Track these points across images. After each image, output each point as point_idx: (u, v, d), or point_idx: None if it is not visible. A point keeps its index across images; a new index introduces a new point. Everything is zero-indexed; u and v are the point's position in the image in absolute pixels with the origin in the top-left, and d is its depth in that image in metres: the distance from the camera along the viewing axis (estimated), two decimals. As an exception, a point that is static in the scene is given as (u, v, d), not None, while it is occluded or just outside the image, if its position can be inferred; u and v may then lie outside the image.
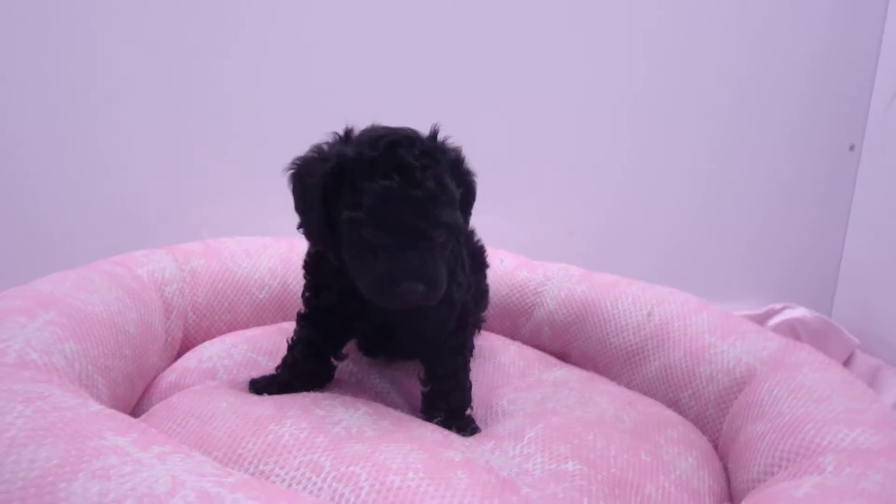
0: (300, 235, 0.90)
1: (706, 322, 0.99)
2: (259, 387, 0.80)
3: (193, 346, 0.98)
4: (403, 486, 0.56)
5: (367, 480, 0.56)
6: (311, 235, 0.74)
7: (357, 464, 0.58)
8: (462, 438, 0.71)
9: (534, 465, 0.67)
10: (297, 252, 1.05)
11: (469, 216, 0.80)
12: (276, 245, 1.15)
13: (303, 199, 0.71)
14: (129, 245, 1.02)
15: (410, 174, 0.66)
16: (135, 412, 0.82)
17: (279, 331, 0.98)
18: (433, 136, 0.73)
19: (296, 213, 0.74)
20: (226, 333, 1.03)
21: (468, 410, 0.82)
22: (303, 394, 0.74)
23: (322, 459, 0.58)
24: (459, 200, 0.72)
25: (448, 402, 0.80)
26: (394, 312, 0.73)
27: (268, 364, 0.89)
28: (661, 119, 1.45)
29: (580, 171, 1.46)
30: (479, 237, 0.97)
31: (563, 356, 1.15)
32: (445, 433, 0.71)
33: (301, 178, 0.71)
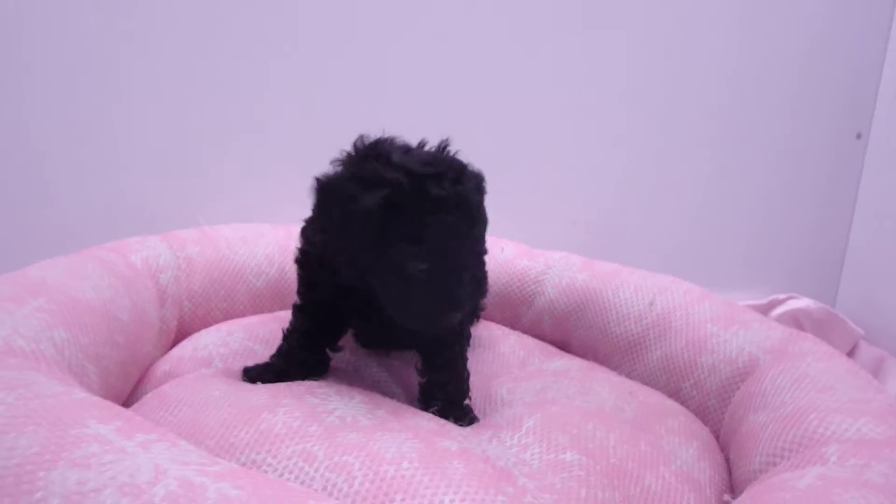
0: (297, 222, 0.89)
1: (708, 311, 0.98)
2: (253, 375, 0.79)
3: (189, 335, 0.97)
4: (397, 476, 0.54)
5: (361, 470, 0.55)
6: (342, 259, 0.69)
7: (350, 453, 0.57)
8: (459, 428, 0.70)
9: (532, 455, 0.66)
10: (295, 239, 1.04)
11: None
12: (274, 232, 1.14)
13: (346, 226, 0.65)
14: (124, 232, 1.01)
15: (468, 210, 0.66)
16: (129, 401, 0.81)
17: (276, 319, 0.97)
18: (462, 165, 0.71)
19: (314, 227, 0.72)
20: (222, 322, 1.01)
21: (466, 400, 0.81)
22: (297, 382, 0.73)
23: (315, 449, 0.57)
24: None
25: (445, 393, 0.78)
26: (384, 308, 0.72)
27: (264, 353, 0.88)
28: (664, 108, 1.43)
29: (583, 160, 1.44)
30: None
31: (564, 346, 1.14)
32: (442, 423, 0.70)
33: (345, 204, 0.65)
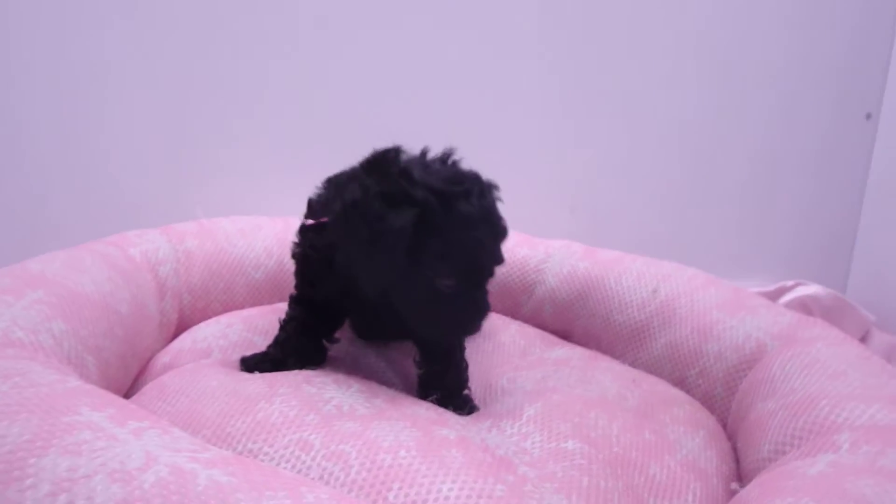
0: (295, 214, 0.88)
1: (714, 297, 0.96)
2: (250, 364, 0.78)
3: (189, 328, 0.97)
4: (394, 465, 0.54)
5: (357, 459, 0.54)
6: (365, 275, 0.68)
7: (347, 442, 0.56)
8: (458, 417, 0.69)
9: (532, 444, 0.65)
10: (293, 230, 1.04)
11: None
12: (272, 224, 1.14)
13: (374, 245, 0.64)
14: (123, 226, 1.00)
15: (493, 224, 0.68)
16: (129, 393, 0.80)
17: (275, 311, 0.96)
18: (481, 178, 0.70)
19: (323, 234, 0.70)
20: (222, 314, 1.01)
21: (465, 391, 0.80)
22: (294, 372, 0.73)
23: (312, 438, 0.57)
24: None
25: (444, 382, 0.78)
26: (390, 304, 0.71)
27: (263, 344, 0.87)
28: (666, 91, 1.41)
29: (581, 145, 1.42)
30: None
31: (566, 335, 1.13)
32: (440, 411, 0.69)
33: (373, 223, 0.64)
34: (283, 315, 0.84)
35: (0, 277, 0.70)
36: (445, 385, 0.78)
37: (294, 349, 0.80)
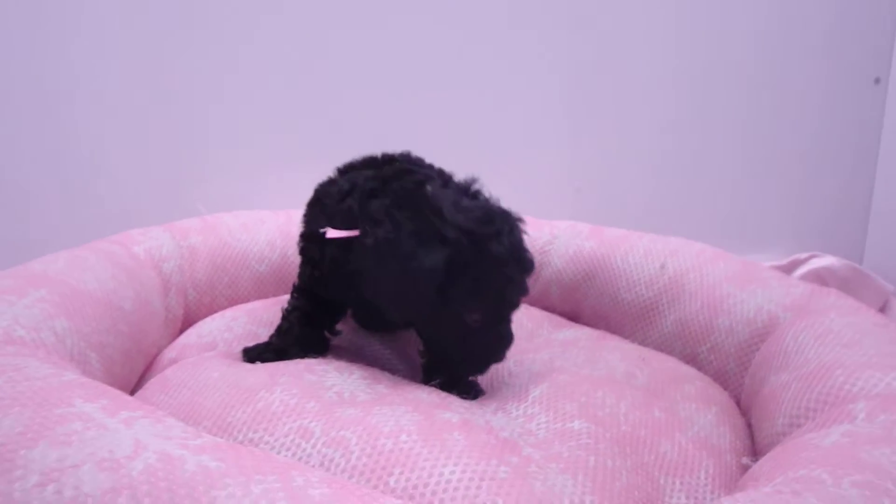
0: (297, 207, 0.88)
1: (724, 271, 0.94)
2: (253, 355, 0.78)
3: (195, 323, 0.97)
4: (395, 449, 0.53)
5: (358, 444, 0.53)
6: (398, 309, 0.70)
7: (348, 428, 0.55)
8: (462, 401, 0.68)
9: (538, 425, 0.64)
10: (296, 223, 1.04)
11: None
12: (274, 218, 1.13)
13: (404, 282, 0.65)
14: (127, 225, 1.00)
15: (522, 262, 0.69)
16: (135, 390, 0.80)
17: (279, 303, 0.95)
18: (510, 215, 0.71)
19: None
20: (228, 308, 1.01)
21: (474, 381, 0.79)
22: (296, 361, 0.72)
23: (312, 425, 0.56)
24: None
25: (448, 367, 0.77)
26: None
27: (268, 336, 0.86)
28: (671, 62, 1.38)
29: (586, 125, 1.40)
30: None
31: (575, 317, 1.12)
32: (443, 395, 0.68)
33: (404, 261, 0.64)
34: (286, 305, 0.84)
35: (2, 279, 0.71)
36: (449, 370, 0.77)
37: (296, 339, 0.80)
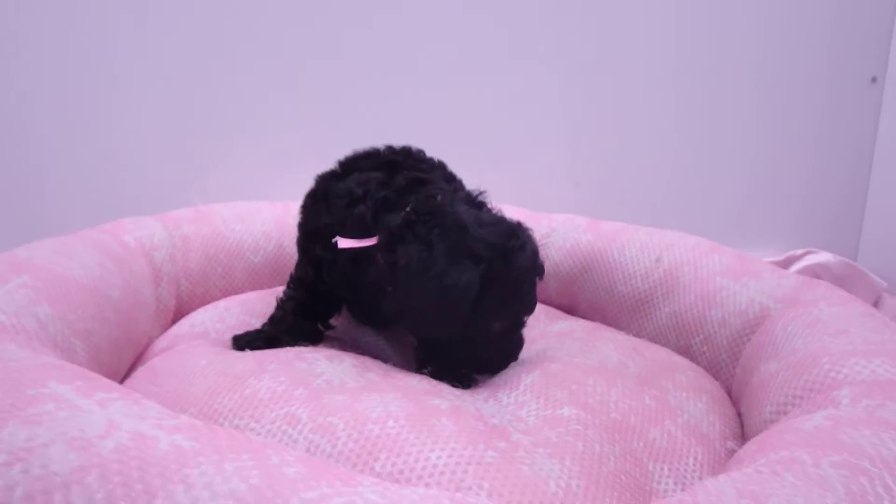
0: (295, 199, 0.87)
1: (718, 264, 0.94)
2: (242, 343, 0.78)
3: (189, 314, 0.96)
4: (382, 435, 0.53)
5: (345, 430, 0.53)
6: (427, 324, 0.71)
7: (335, 414, 0.55)
8: (453, 388, 0.68)
9: (528, 412, 0.64)
10: (292, 214, 1.04)
11: None
12: (271, 208, 1.13)
13: (439, 300, 0.66)
14: (118, 215, 1.00)
15: (541, 269, 0.74)
16: (125, 380, 0.80)
17: (274, 294, 0.94)
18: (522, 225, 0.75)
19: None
20: (222, 300, 1.01)
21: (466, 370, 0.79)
22: (286, 349, 0.72)
23: (299, 412, 0.56)
24: None
25: (442, 357, 0.76)
26: (382, 292, 0.71)
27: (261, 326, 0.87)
28: (670, 59, 1.38)
29: (586, 119, 1.40)
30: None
31: (572, 310, 1.12)
32: (434, 383, 0.68)
33: (437, 280, 0.65)
34: (281, 295, 0.84)
35: (-14, 264, 0.70)
36: (443, 360, 0.77)
37: (289, 328, 0.79)
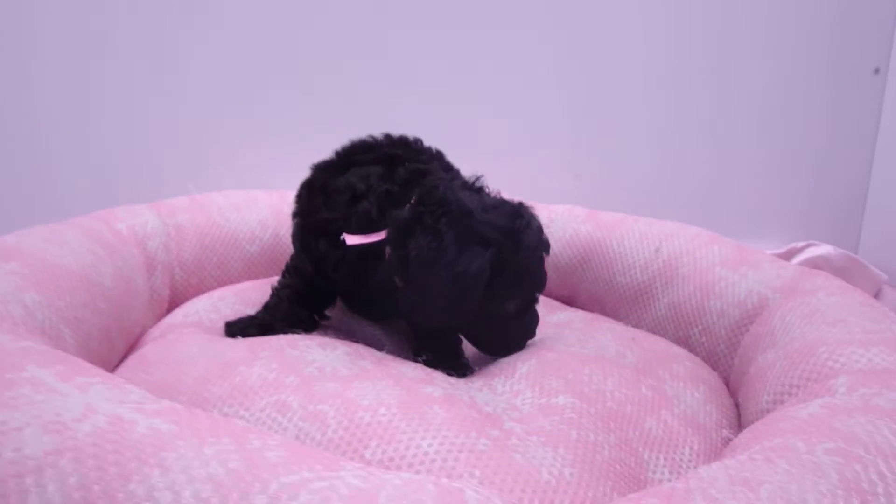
0: (292, 188, 0.86)
1: (717, 255, 0.94)
2: (235, 329, 0.77)
3: (184, 303, 0.96)
4: (373, 423, 0.52)
5: (335, 418, 0.52)
6: (441, 313, 0.70)
7: (326, 402, 0.54)
8: (447, 377, 0.67)
9: (523, 401, 0.63)
10: (289, 203, 1.03)
11: None
12: (267, 197, 1.12)
13: (452, 287, 0.66)
14: (112, 203, 0.99)
15: (546, 244, 0.74)
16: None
17: (270, 284, 0.94)
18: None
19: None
20: (217, 289, 1.00)
21: (462, 358, 0.78)
22: (279, 336, 0.71)
23: (290, 399, 0.55)
24: None
25: (438, 345, 0.76)
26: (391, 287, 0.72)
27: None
28: (672, 51, 1.37)
29: (586, 111, 1.39)
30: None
31: (570, 301, 1.11)
32: (429, 371, 0.67)
33: (448, 268, 0.65)
34: (276, 283, 0.83)
35: (-28, 252, 0.69)
36: (440, 346, 0.76)
37: (284, 315, 0.79)
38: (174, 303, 0.97)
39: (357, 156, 0.78)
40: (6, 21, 1.16)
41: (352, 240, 0.70)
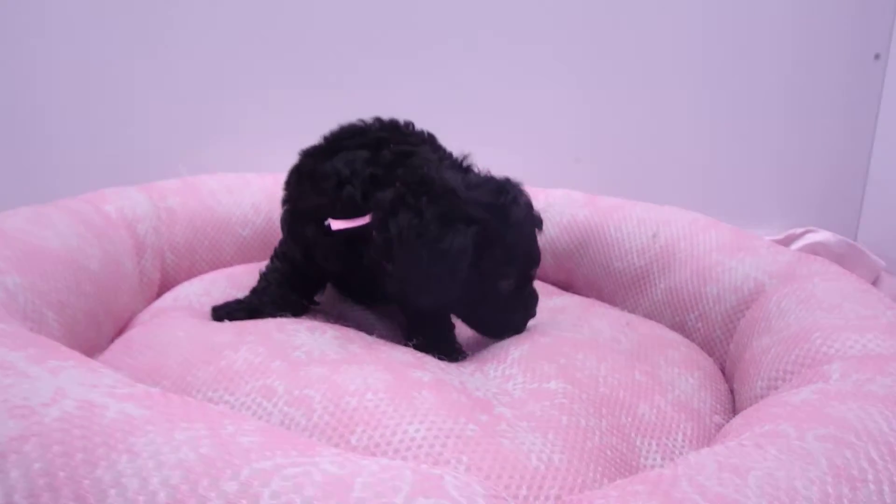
0: (285, 170, 0.85)
1: (714, 240, 0.93)
2: (222, 313, 0.76)
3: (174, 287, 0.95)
4: (360, 408, 0.51)
5: (321, 403, 0.52)
6: (430, 293, 0.69)
7: (312, 387, 0.53)
8: (438, 361, 0.66)
9: (514, 386, 0.62)
10: (282, 186, 1.02)
11: None
12: (260, 180, 1.11)
13: (435, 266, 0.65)
14: (101, 186, 0.98)
15: (537, 219, 0.73)
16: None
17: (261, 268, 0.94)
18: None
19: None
20: (208, 273, 0.99)
21: (454, 343, 0.78)
22: (266, 320, 0.70)
23: (276, 384, 0.54)
24: None
25: (430, 330, 0.75)
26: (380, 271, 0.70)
27: (244, 299, 0.85)
28: (670, 34, 1.35)
29: (587, 95, 1.37)
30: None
31: (567, 286, 1.10)
32: (419, 356, 0.66)
33: (431, 245, 0.65)
34: (264, 268, 0.82)
35: (-49, 233, 0.68)
36: (432, 331, 0.75)
37: (272, 299, 0.78)
38: (165, 287, 0.96)
39: (345, 140, 0.76)
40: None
41: (336, 225, 0.69)
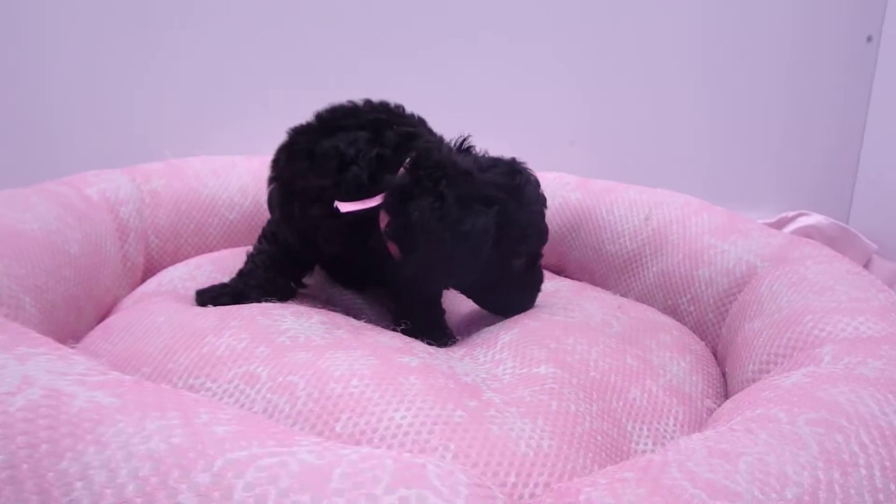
0: (272, 153, 0.83)
1: (707, 223, 0.92)
2: (206, 298, 0.74)
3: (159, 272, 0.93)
4: (345, 394, 0.50)
5: (305, 389, 0.50)
6: (449, 274, 0.71)
7: (297, 373, 0.52)
8: (426, 346, 0.65)
9: (504, 371, 0.61)
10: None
11: None
12: (247, 163, 1.09)
13: (459, 247, 0.65)
14: (82, 169, 0.96)
15: (544, 197, 0.75)
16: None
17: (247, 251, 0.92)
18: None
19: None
20: (193, 257, 0.97)
21: (445, 328, 0.77)
22: (251, 304, 0.68)
23: (259, 370, 0.53)
24: None
25: (419, 314, 0.74)
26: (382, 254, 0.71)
27: (230, 282, 0.84)
28: (665, 17, 1.34)
29: (581, 78, 1.36)
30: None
31: (560, 270, 1.10)
32: (408, 341, 0.65)
33: (453, 227, 0.64)
34: (251, 249, 0.81)
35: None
36: (421, 315, 0.74)
37: (259, 282, 0.76)
38: (149, 271, 0.95)
39: (341, 120, 0.74)
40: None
41: (346, 207, 0.67)
